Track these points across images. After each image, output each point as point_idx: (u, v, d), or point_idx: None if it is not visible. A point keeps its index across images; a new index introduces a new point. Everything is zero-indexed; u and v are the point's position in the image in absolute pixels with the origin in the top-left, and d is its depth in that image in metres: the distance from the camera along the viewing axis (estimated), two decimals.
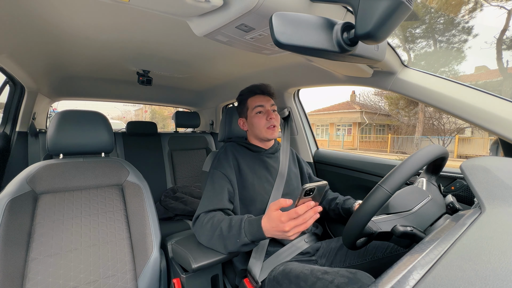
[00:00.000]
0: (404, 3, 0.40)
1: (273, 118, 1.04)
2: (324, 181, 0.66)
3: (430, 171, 0.80)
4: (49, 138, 0.89)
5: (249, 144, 1.10)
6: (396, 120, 15.97)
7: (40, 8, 0.79)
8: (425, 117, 13.56)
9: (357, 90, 21.05)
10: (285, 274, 0.81)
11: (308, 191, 0.63)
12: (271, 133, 1.05)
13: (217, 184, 0.96)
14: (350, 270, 0.71)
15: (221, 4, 0.61)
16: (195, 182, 2.10)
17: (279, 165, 1.10)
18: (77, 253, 0.82)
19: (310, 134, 1.65)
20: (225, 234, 0.80)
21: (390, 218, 0.69)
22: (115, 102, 2.55)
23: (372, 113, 17.12)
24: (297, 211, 0.65)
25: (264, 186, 1.02)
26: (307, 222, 0.66)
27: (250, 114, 1.08)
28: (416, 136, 13.53)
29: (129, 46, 1.13)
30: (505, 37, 11.33)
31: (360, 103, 18.63)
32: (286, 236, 0.68)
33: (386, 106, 16.28)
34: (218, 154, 1.06)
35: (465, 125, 12.31)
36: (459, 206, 0.68)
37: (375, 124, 17.65)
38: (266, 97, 1.08)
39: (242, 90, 1.13)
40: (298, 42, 0.45)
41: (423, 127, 13.33)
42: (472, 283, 0.30)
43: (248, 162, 1.05)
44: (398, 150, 14.13)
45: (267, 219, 0.72)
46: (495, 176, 0.47)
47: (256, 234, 0.74)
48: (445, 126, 13.01)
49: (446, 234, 0.43)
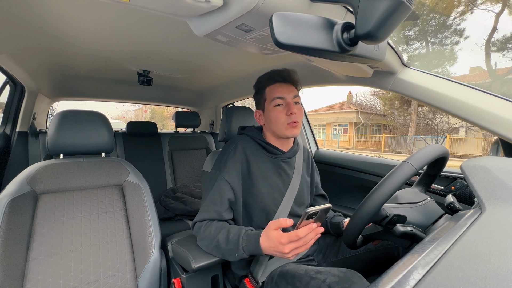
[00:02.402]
0: (404, 3, 0.40)
1: (295, 113, 0.86)
2: (329, 204, 0.65)
3: (422, 183, 0.80)
4: (49, 138, 0.89)
5: (266, 144, 0.93)
6: (392, 120, 16.16)
7: (40, 8, 0.79)
8: (419, 117, 13.74)
9: (354, 90, 21.25)
10: (282, 275, 0.82)
11: (311, 215, 0.62)
12: (291, 131, 0.87)
13: (218, 192, 0.86)
14: (341, 269, 0.72)
15: (221, 4, 0.61)
16: (195, 182, 2.10)
17: (293, 172, 0.97)
18: (77, 253, 0.82)
19: (310, 134, 1.65)
20: (222, 247, 0.77)
21: (401, 206, 0.70)
22: (115, 102, 2.55)
23: (368, 113, 17.32)
24: (298, 234, 0.62)
25: (274, 197, 0.91)
26: (307, 244, 0.64)
27: (267, 106, 0.90)
28: (409, 135, 13.73)
29: (129, 46, 1.13)
30: (493, 39, 11.45)
31: (356, 103, 18.87)
32: (285, 257, 0.66)
33: (381, 106, 16.43)
34: (227, 153, 0.91)
35: (457, 125, 12.56)
36: (459, 206, 0.68)
37: (370, 124, 17.84)
38: (288, 86, 0.90)
39: (260, 77, 0.95)
40: (298, 42, 0.45)
41: (416, 127, 13.53)
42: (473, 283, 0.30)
43: (261, 166, 0.91)
44: (393, 150, 14.32)
45: (265, 238, 0.70)
46: (495, 176, 0.47)
47: (254, 251, 0.72)
48: (438, 126, 13.22)
49: (447, 234, 0.43)
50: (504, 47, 11.22)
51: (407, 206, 0.70)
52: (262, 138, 0.95)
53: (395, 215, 0.66)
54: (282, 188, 0.93)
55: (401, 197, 0.73)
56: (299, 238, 0.63)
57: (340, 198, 1.50)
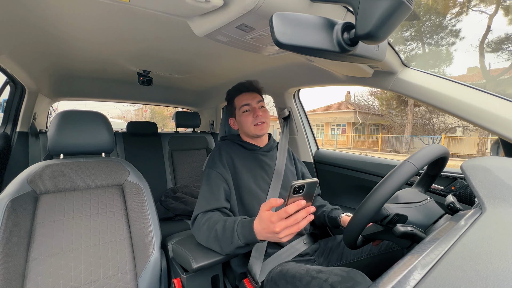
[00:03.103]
0: (404, 3, 0.40)
1: (260, 115, 1.02)
2: (315, 178, 0.63)
3: (422, 183, 0.80)
4: (49, 138, 0.89)
5: (243, 142, 1.08)
6: (389, 120, 16.34)
7: (40, 9, 0.79)
8: (417, 117, 13.94)
9: (352, 91, 21.39)
10: (281, 274, 0.81)
11: (297, 189, 0.60)
12: (260, 130, 1.03)
13: (213, 184, 0.95)
14: (344, 268, 0.72)
15: (221, 4, 0.61)
16: (196, 182, 2.10)
17: (276, 163, 1.08)
18: (78, 253, 0.82)
19: (311, 134, 1.65)
20: (220, 237, 0.79)
21: (401, 206, 0.69)
22: (115, 102, 2.55)
23: (366, 113, 17.55)
24: (286, 210, 0.61)
25: (260, 185, 1.01)
26: (299, 223, 0.62)
27: (238, 113, 1.07)
28: (405, 135, 13.93)
29: (129, 46, 1.13)
30: (487, 40, 11.50)
31: (354, 103, 19.15)
32: (277, 238, 0.64)
33: (378, 106, 16.60)
34: (212, 154, 1.05)
35: (454, 125, 12.73)
36: (459, 206, 0.68)
37: (368, 123, 18.09)
38: (252, 94, 1.06)
39: (228, 90, 1.12)
40: (299, 42, 0.45)
41: (412, 126, 13.74)
42: (473, 284, 0.30)
43: (243, 161, 1.03)
44: (390, 149, 14.44)
45: (258, 220, 0.70)
46: (495, 176, 0.47)
47: (248, 237, 0.72)
48: (435, 126, 13.40)
49: (447, 234, 0.43)
50: (498, 48, 11.27)
51: (407, 206, 0.70)
52: (240, 139, 1.11)
53: (396, 215, 0.65)
54: (266, 177, 1.05)
55: (402, 197, 0.72)
56: (289, 215, 0.62)
57: (340, 198, 1.50)
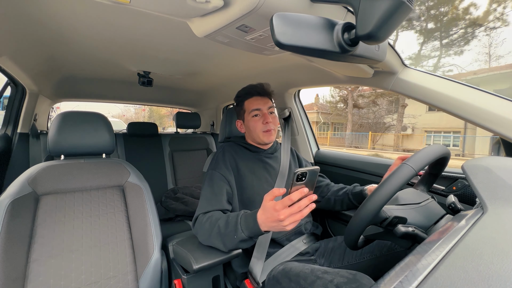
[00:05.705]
0: (405, 3, 0.40)
1: (270, 122, 1.02)
2: (317, 166, 0.64)
3: (423, 183, 0.80)
4: (50, 139, 0.89)
5: (247, 144, 1.08)
6: (344, 119, 18.72)
7: (40, 10, 0.79)
8: (360, 117, 17.17)
9: (320, 93, 23.70)
10: (284, 273, 0.81)
11: (300, 176, 0.61)
12: (268, 137, 1.03)
13: (216, 185, 0.94)
14: (350, 271, 0.71)
15: (222, 5, 0.61)
16: (196, 183, 2.09)
17: (280, 165, 1.07)
18: (79, 254, 0.82)
19: (311, 134, 1.65)
20: (222, 232, 0.79)
21: (401, 208, 0.69)
22: (115, 103, 2.55)
23: (328, 114, 20.05)
24: (290, 197, 0.62)
25: (263, 187, 1.01)
26: (302, 211, 0.63)
27: (247, 117, 1.05)
28: (346, 132, 17.09)
29: (129, 47, 1.13)
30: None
31: (321, 104, 21.25)
32: (282, 226, 0.65)
33: (331, 109, 19.30)
34: (216, 155, 1.04)
35: (392, 123, 15.44)
36: (461, 206, 0.68)
37: (332, 122, 20.46)
38: (264, 98, 1.05)
39: (239, 91, 1.10)
40: (299, 42, 0.45)
41: (352, 125, 16.85)
42: (475, 284, 0.30)
43: (247, 162, 1.03)
44: (337, 144, 18.15)
45: (262, 211, 0.70)
46: (497, 176, 0.47)
47: (252, 229, 0.72)
48: (377, 126, 16.45)
49: (448, 234, 0.43)
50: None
51: (407, 207, 0.69)
52: (244, 141, 1.10)
53: (395, 217, 0.65)
54: (270, 179, 1.04)
55: (402, 198, 0.72)
56: (293, 203, 0.63)
57: None
